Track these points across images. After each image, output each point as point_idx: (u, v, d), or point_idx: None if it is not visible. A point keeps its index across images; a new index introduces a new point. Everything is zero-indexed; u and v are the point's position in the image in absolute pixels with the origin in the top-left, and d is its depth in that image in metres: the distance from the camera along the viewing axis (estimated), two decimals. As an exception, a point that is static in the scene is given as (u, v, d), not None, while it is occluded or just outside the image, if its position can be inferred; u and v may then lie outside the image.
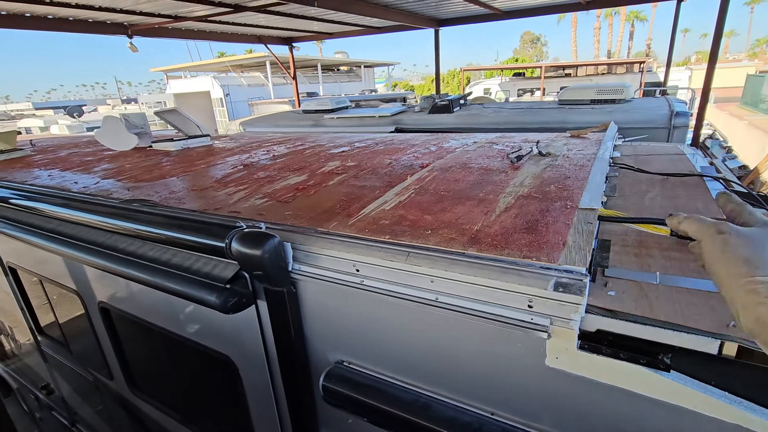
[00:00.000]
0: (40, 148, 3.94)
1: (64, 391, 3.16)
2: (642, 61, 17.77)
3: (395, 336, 1.14)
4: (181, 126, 3.43)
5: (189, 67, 22.88)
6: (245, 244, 1.16)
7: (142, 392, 2.25)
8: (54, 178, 2.48)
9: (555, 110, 5.45)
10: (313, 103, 7.82)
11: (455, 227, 1.18)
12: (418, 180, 1.70)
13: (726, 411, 0.75)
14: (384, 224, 1.25)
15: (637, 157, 2.11)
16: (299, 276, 1.23)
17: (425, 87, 45.00)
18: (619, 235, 1.18)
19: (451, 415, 1.07)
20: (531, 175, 1.62)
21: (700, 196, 1.43)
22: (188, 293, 1.33)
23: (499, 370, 1.00)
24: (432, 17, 9.05)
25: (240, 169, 2.23)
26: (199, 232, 1.33)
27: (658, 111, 4.49)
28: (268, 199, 1.64)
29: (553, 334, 0.88)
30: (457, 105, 6.50)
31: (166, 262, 1.48)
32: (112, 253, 1.64)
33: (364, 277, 1.12)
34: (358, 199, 1.52)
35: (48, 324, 2.89)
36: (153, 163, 2.67)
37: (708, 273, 0.74)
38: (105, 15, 6.83)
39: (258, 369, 1.49)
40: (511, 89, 19.98)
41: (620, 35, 38.28)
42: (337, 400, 1.23)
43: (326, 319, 1.28)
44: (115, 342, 2.19)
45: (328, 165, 2.16)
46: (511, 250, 1.01)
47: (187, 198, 1.79)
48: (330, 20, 8.73)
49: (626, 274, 0.98)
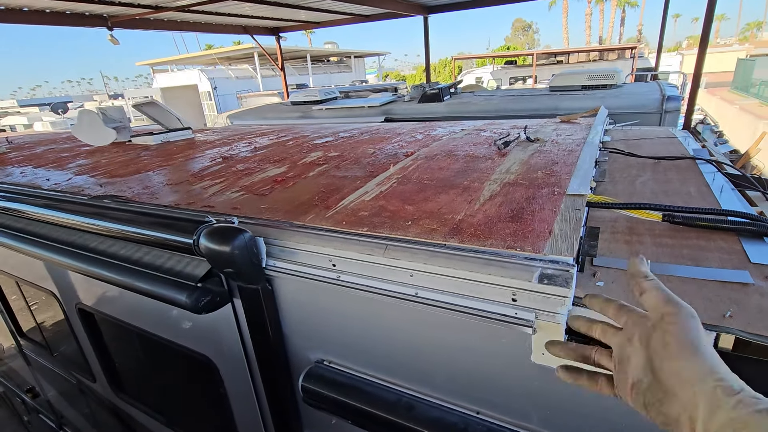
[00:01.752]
0: (17, 145, 3.80)
1: (50, 395, 3.09)
2: (633, 47, 17.67)
3: (375, 333, 1.09)
4: (161, 119, 3.32)
5: (176, 61, 22.44)
6: (214, 240, 1.09)
7: (125, 394, 2.19)
8: (26, 176, 2.37)
9: (546, 97, 5.39)
10: (301, 94, 7.68)
11: (437, 217, 1.12)
12: (402, 169, 1.63)
13: (722, 407, 0.70)
14: (363, 216, 1.19)
15: (628, 142, 2.05)
16: (274, 272, 1.17)
17: (416, 77, 44.63)
18: (609, 222, 1.13)
19: (435, 415, 1.02)
20: (518, 162, 1.56)
21: (692, 179, 1.38)
22: (159, 293, 1.26)
23: (484, 367, 0.95)
24: (421, 4, 8.89)
25: (218, 162, 2.15)
26: (168, 228, 1.25)
27: (650, 96, 4.44)
28: (244, 192, 1.56)
29: (539, 328, 0.82)
30: (447, 94, 6.40)
31: (137, 261, 1.40)
32: (82, 253, 1.56)
33: (340, 272, 1.05)
34: (337, 190, 1.45)
35: (29, 328, 2.81)
36: (130, 157, 2.57)
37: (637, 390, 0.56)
38: (83, 6, 6.61)
39: (238, 370, 1.43)
40: (502, 77, 19.85)
41: (611, 21, 38.06)
42: (318, 401, 1.18)
43: (304, 317, 1.22)
44: (96, 344, 2.12)
45: (310, 156, 2.08)
46: (494, 241, 0.95)
47: (161, 193, 1.70)
48: (317, 8, 8.55)
49: (616, 263, 0.93)
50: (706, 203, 1.18)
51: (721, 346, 0.73)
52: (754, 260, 0.88)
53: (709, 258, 0.92)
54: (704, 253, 0.94)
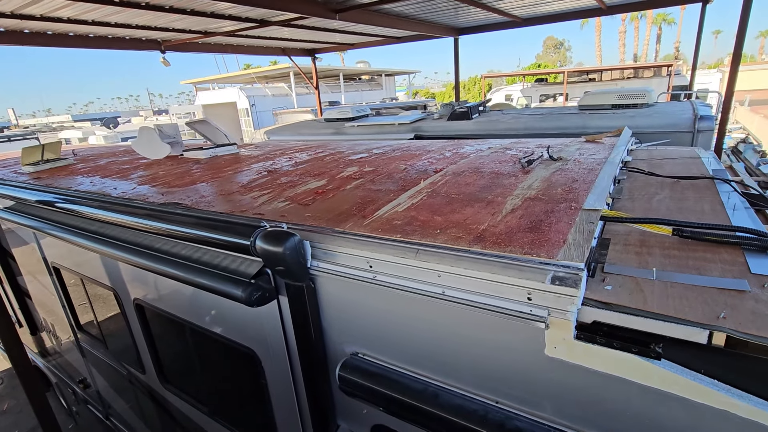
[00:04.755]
0: (82, 157, 4.22)
1: (100, 386, 3.36)
2: (669, 64, 17.27)
3: (405, 328, 1.22)
4: (209, 135, 3.62)
5: (217, 80, 23.74)
6: (268, 242, 1.27)
7: (171, 385, 2.39)
8: (95, 185, 2.68)
9: (575, 115, 5.42)
10: (334, 111, 8.01)
11: (463, 227, 1.25)
12: (431, 184, 1.78)
13: (714, 397, 0.79)
14: (396, 224, 1.34)
15: (652, 161, 2.12)
16: (317, 272, 1.33)
17: (446, 94, 45.04)
18: (622, 235, 1.23)
19: (458, 402, 1.14)
20: (540, 179, 1.68)
21: (708, 198, 1.45)
22: (216, 288, 1.45)
23: (503, 359, 1.06)
24: (451, 26, 9.15)
25: (264, 175, 2.37)
26: (227, 231, 1.45)
27: (682, 115, 4.41)
28: (290, 202, 1.75)
29: (551, 324, 0.94)
30: (476, 112, 6.53)
31: (197, 260, 1.60)
32: (148, 252, 1.79)
33: (376, 272, 1.20)
34: (373, 201, 1.61)
35: (87, 321, 3.09)
36: (184, 170, 2.84)
37: None
38: (141, 32, 7.25)
39: (279, 360, 1.59)
40: (533, 95, 19.75)
41: (647, 39, 37.24)
42: (352, 389, 1.31)
43: (342, 313, 1.37)
44: (148, 337, 2.35)
45: (347, 170, 2.27)
46: (513, 248, 1.08)
47: (215, 201, 1.92)
48: (351, 32, 8.96)
49: (624, 270, 1.03)
50: (717, 220, 1.26)
51: (714, 343, 0.82)
52: (754, 270, 0.97)
53: (712, 268, 1.01)
54: (708, 264, 1.03)
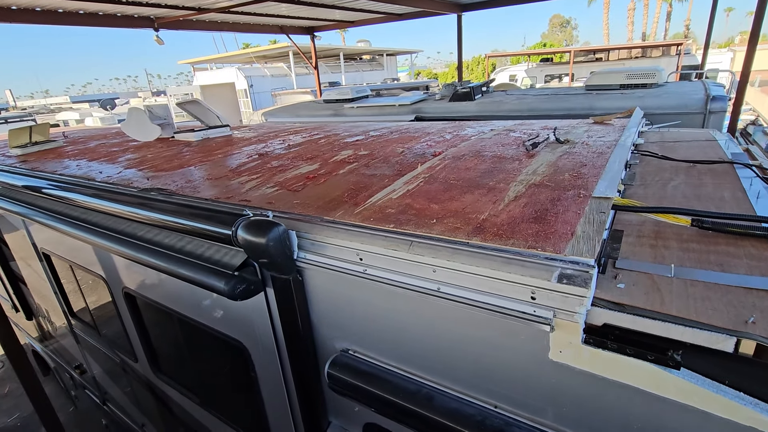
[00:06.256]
0: (72, 140, 4.10)
1: (95, 372, 3.34)
2: (679, 43, 16.74)
3: (398, 326, 1.14)
4: (201, 117, 3.49)
5: (215, 59, 23.26)
6: (251, 232, 1.18)
7: (163, 375, 2.34)
8: (81, 168, 2.58)
9: (582, 96, 5.24)
10: (333, 92, 7.80)
11: (461, 216, 1.15)
12: (429, 168, 1.67)
13: (740, 412, 0.71)
14: (390, 213, 1.24)
15: (664, 144, 2.00)
16: (305, 264, 1.24)
17: (449, 74, 44.18)
18: (635, 226, 1.13)
19: (454, 406, 1.06)
20: (545, 163, 1.57)
21: (728, 184, 1.34)
22: (199, 279, 1.36)
23: (502, 362, 0.98)
24: (454, 2, 8.82)
25: (255, 159, 2.26)
26: (209, 219, 1.35)
27: (693, 95, 4.23)
28: (279, 188, 1.65)
29: (557, 327, 0.84)
30: (479, 92, 6.34)
31: (179, 250, 1.51)
32: (130, 240, 1.70)
33: (367, 266, 1.11)
34: (366, 188, 1.51)
35: (79, 308, 3.04)
36: (174, 153, 2.73)
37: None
38: (132, 9, 7.01)
39: (268, 354, 1.52)
40: (538, 75, 19.30)
41: (656, 16, 36.03)
42: (342, 388, 1.24)
43: (332, 308, 1.28)
44: (139, 326, 2.28)
45: (341, 154, 2.15)
46: (516, 240, 0.98)
47: (202, 187, 1.82)
48: (351, 8, 8.66)
49: (638, 266, 0.93)
50: (740, 209, 1.15)
51: (742, 352, 0.73)
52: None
53: (737, 264, 0.91)
54: (732, 259, 0.93)
